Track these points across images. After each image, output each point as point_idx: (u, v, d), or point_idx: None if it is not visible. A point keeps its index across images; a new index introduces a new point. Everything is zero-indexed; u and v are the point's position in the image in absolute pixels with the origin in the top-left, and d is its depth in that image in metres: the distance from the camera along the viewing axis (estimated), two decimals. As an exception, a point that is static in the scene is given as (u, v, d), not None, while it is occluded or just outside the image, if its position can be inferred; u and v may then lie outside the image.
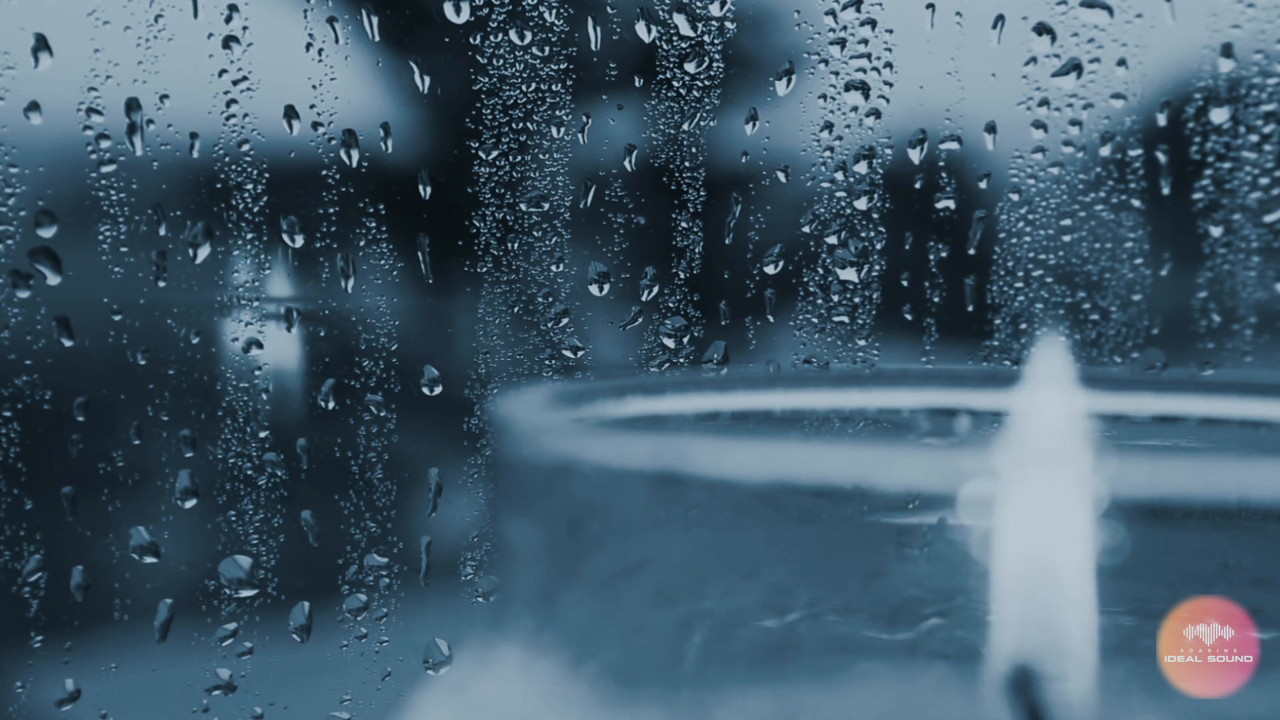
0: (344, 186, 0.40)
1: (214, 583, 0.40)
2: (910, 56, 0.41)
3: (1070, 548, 0.17)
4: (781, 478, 0.18)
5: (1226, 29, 0.38)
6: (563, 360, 0.42)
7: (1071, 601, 0.17)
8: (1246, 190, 0.39)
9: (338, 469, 0.41)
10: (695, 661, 0.21)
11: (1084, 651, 0.17)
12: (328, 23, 0.39)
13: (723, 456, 0.18)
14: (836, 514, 0.19)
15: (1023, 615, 0.17)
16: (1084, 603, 0.17)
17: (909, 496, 0.17)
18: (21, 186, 0.36)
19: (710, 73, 0.41)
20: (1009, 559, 0.17)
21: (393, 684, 0.42)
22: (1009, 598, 0.17)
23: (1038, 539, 0.17)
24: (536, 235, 0.42)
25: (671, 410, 0.26)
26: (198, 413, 0.40)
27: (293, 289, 0.41)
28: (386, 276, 0.42)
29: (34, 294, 0.37)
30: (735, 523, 0.20)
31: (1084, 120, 0.40)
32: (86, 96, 0.37)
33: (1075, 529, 0.17)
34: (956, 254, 0.42)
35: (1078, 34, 0.39)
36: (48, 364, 0.37)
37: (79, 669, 0.39)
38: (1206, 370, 0.40)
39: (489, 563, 0.43)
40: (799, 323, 0.43)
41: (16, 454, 0.37)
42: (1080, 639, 0.17)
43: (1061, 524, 0.17)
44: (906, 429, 0.28)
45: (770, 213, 0.42)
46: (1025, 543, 0.17)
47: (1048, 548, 0.17)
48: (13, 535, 0.38)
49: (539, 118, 0.41)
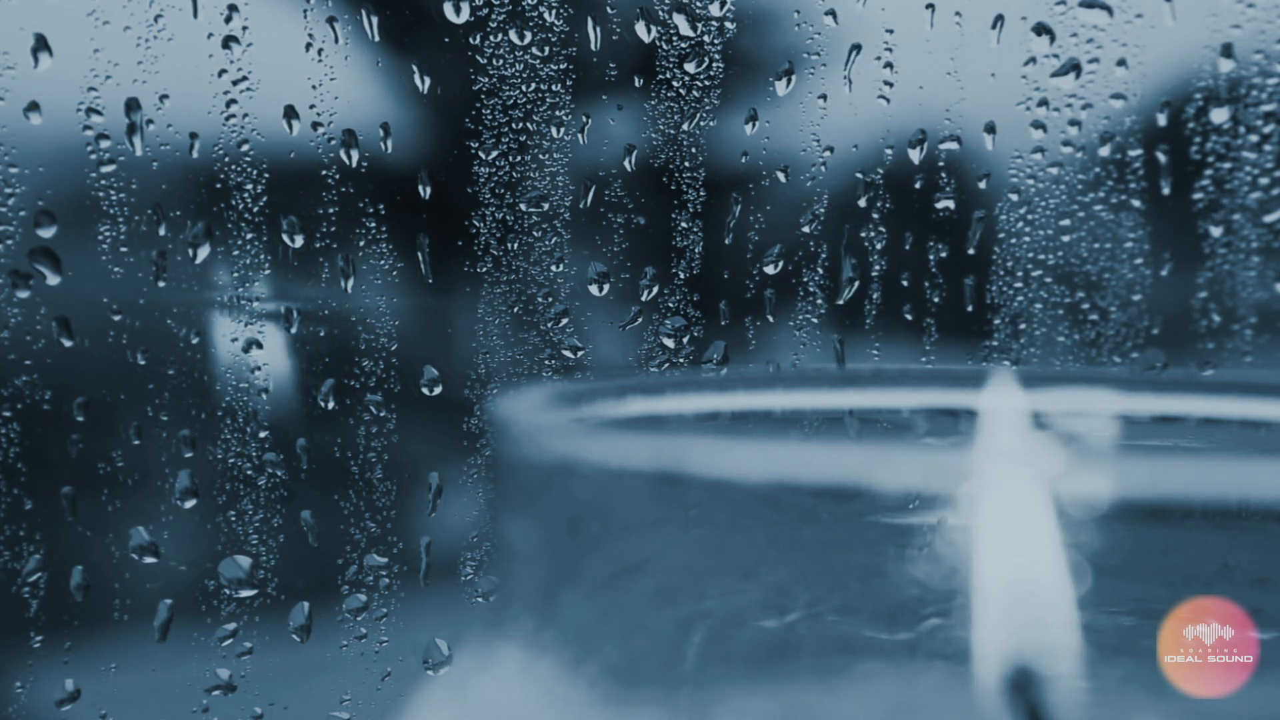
0: (344, 186, 0.40)
1: (214, 583, 0.40)
2: (910, 56, 0.41)
3: (1055, 549, 0.17)
4: (781, 478, 0.18)
5: (1226, 29, 0.38)
6: (563, 360, 0.42)
7: (1061, 602, 0.17)
8: (1246, 190, 0.39)
9: (337, 469, 0.41)
10: (695, 661, 0.21)
11: (1083, 652, 0.17)
12: (328, 23, 0.39)
13: (723, 456, 0.18)
14: (836, 514, 0.19)
15: (1010, 618, 0.17)
16: (1072, 604, 0.17)
17: (909, 496, 0.17)
18: (21, 186, 0.36)
19: (710, 73, 0.41)
20: (995, 561, 0.17)
21: (393, 684, 0.42)
22: (995, 600, 0.17)
23: (1021, 541, 0.17)
24: (536, 235, 0.42)
25: (671, 410, 0.26)
26: (197, 413, 0.40)
27: (293, 289, 0.41)
28: (386, 276, 0.42)
29: (34, 294, 0.37)
30: (735, 523, 0.20)
31: (1083, 120, 0.40)
32: (86, 96, 0.37)
33: (1058, 531, 0.17)
34: (956, 254, 0.42)
35: (1077, 34, 0.39)
36: (48, 364, 0.37)
37: (79, 669, 0.39)
38: (1206, 370, 0.40)
39: (489, 563, 0.43)
40: (799, 323, 0.43)
41: (16, 454, 0.37)
42: (1075, 640, 0.17)
43: (1044, 526, 0.17)
44: (906, 429, 0.28)
45: (770, 213, 0.42)
46: (1010, 545, 0.17)
47: (1032, 550, 0.17)
48: (13, 535, 0.38)
49: (539, 118, 0.41)
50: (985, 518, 0.17)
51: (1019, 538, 0.17)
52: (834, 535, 0.19)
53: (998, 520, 0.17)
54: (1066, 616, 0.17)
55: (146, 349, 0.39)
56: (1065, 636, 0.17)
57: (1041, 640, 0.17)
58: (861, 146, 0.42)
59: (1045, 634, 0.17)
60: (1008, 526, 0.17)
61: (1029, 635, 0.17)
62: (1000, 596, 0.17)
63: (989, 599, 0.17)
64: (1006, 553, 0.17)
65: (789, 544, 0.20)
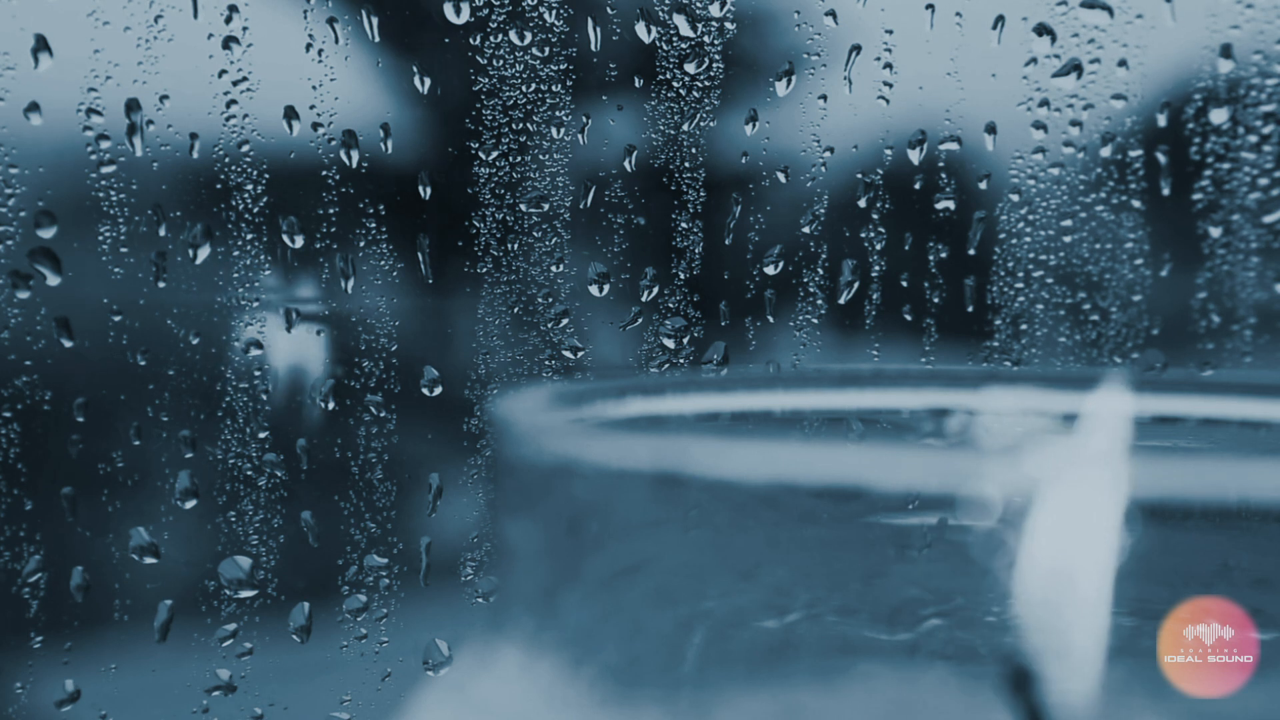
0: (344, 187, 0.40)
1: (214, 583, 0.40)
2: (910, 56, 0.41)
3: (1085, 550, 0.17)
4: (781, 478, 0.18)
5: (1226, 30, 0.38)
6: (563, 361, 0.42)
7: (1083, 604, 0.17)
8: (1246, 191, 0.39)
9: (338, 469, 0.41)
10: (695, 662, 0.21)
11: (1086, 652, 0.17)
12: (328, 23, 0.39)
13: (723, 457, 0.18)
14: (836, 514, 0.19)
15: (1031, 617, 0.17)
16: (1095, 605, 0.17)
17: (909, 497, 0.17)
18: (21, 187, 0.36)
19: (710, 73, 0.41)
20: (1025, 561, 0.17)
21: (393, 684, 0.42)
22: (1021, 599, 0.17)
23: (1054, 541, 0.17)
24: (536, 236, 0.42)
25: (671, 411, 0.26)
26: (198, 413, 0.40)
27: (293, 289, 0.41)
28: (386, 276, 0.42)
29: (34, 294, 0.37)
30: (735, 523, 0.20)
31: (1084, 121, 0.40)
32: (86, 97, 0.37)
33: (1091, 531, 0.17)
34: (957, 254, 0.42)
35: (1078, 34, 0.39)
36: (48, 364, 0.37)
37: (79, 669, 0.39)
38: (1206, 371, 0.40)
39: (489, 563, 0.43)
40: (799, 323, 0.43)
41: (16, 454, 0.37)
42: (1084, 641, 0.17)
43: (1077, 526, 0.17)
44: (906, 429, 0.28)
45: (770, 213, 0.42)
46: (1040, 545, 0.17)
47: (1063, 550, 0.17)
48: (13, 535, 0.38)
49: (539, 118, 0.41)
50: (986, 519, 0.17)
51: (1021, 539, 0.17)
52: (834, 535, 0.19)
53: (1000, 521, 0.17)
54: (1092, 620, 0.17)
55: (146, 349, 0.39)
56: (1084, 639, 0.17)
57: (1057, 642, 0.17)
58: (861, 147, 0.42)
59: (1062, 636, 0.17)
60: (1007, 527, 0.17)
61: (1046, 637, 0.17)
62: (1002, 598, 0.17)
63: (989, 600, 0.17)
64: (1007, 554, 0.17)
65: (789, 544, 0.20)
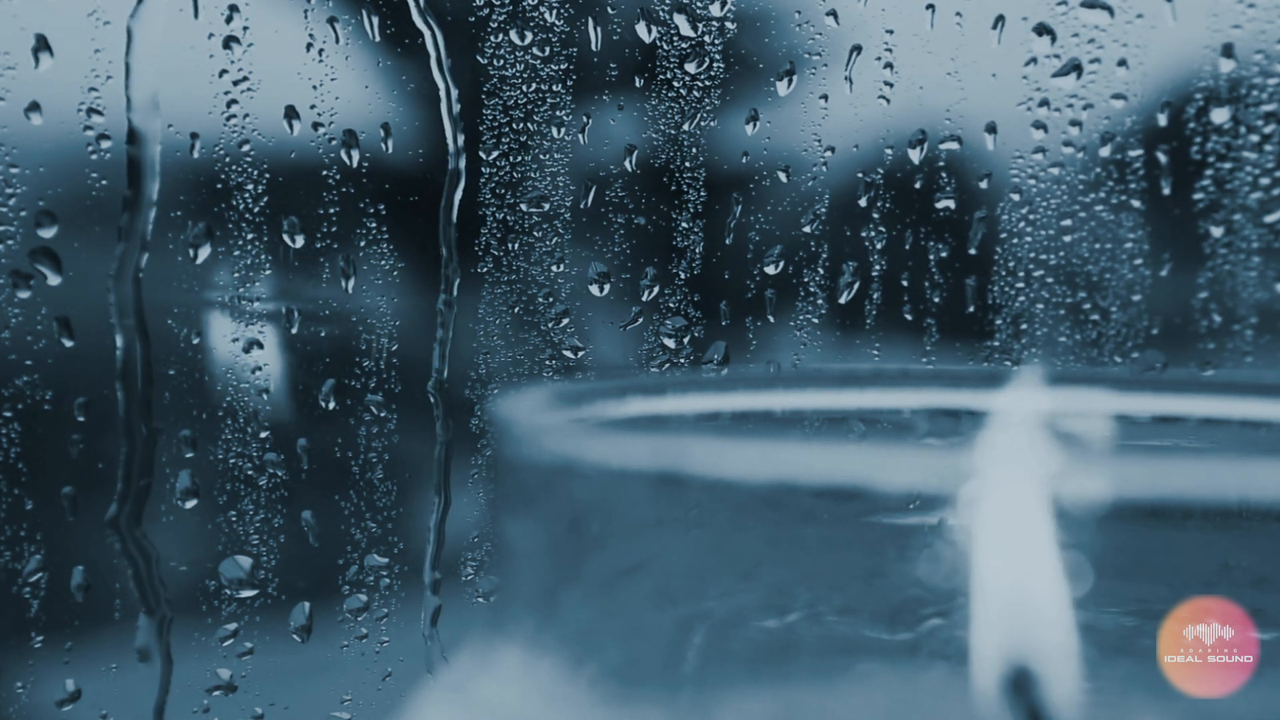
0: (344, 186, 0.40)
1: (214, 583, 0.40)
2: (911, 56, 0.41)
3: (1051, 550, 0.17)
4: (781, 478, 0.18)
5: (1227, 29, 0.38)
6: (563, 360, 0.42)
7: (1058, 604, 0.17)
8: (1247, 190, 0.39)
9: (338, 469, 0.41)
10: (695, 662, 0.21)
11: (1082, 652, 0.17)
12: (328, 23, 0.39)
13: (723, 457, 0.18)
14: (837, 514, 0.19)
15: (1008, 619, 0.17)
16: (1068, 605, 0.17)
17: (909, 497, 0.17)
18: (22, 187, 0.36)
19: (710, 73, 0.41)
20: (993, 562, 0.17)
21: (393, 684, 0.42)
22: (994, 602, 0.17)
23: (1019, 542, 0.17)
24: (537, 235, 0.42)
25: (672, 410, 0.26)
26: (198, 413, 0.40)
27: (293, 289, 0.41)
28: (386, 276, 0.42)
29: (34, 294, 0.37)
30: (735, 523, 0.20)
31: (1084, 121, 0.40)
32: (87, 96, 0.37)
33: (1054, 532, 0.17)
34: (957, 254, 0.42)
35: (1078, 34, 0.39)
36: (48, 364, 0.37)
37: (79, 669, 0.39)
38: (1207, 370, 0.40)
39: (489, 563, 0.43)
40: (799, 322, 0.43)
41: (16, 454, 0.37)
42: (1073, 640, 0.17)
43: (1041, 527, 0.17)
44: (907, 429, 0.28)
45: (771, 213, 0.42)
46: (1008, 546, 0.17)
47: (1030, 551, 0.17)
48: (13, 535, 0.38)
49: (539, 118, 0.41)
50: (984, 519, 0.17)
51: (1017, 539, 0.17)
52: (834, 535, 0.19)
53: (996, 521, 0.17)
54: (1064, 618, 0.17)
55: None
56: (1063, 637, 0.17)
57: (1039, 641, 0.17)
58: (862, 147, 0.42)
59: (1044, 635, 0.17)
60: (1006, 528, 0.17)
61: (1027, 636, 0.17)
62: (998, 598, 0.17)
63: (987, 600, 0.17)
64: (1004, 554, 0.17)
65: (789, 544, 0.20)
